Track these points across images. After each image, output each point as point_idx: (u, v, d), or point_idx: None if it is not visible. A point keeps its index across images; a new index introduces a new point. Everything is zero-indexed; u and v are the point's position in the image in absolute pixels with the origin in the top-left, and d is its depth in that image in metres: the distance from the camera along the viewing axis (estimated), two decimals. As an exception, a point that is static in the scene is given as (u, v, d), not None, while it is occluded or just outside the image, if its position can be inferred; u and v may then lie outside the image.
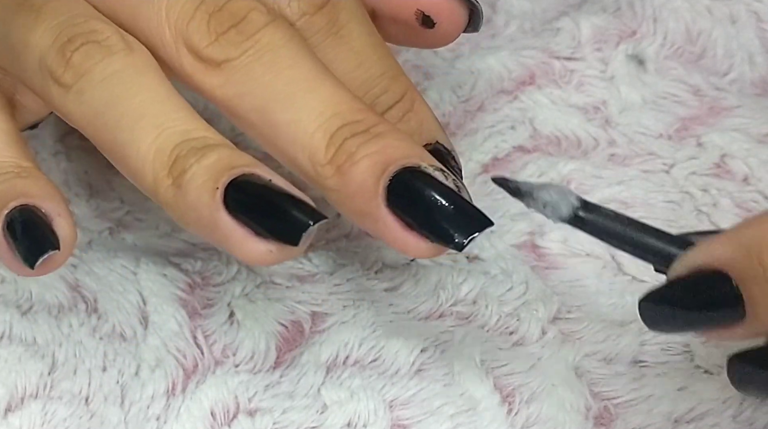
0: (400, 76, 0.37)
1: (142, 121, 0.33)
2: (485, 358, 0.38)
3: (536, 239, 0.42)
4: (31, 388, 0.37)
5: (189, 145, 0.33)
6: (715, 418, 0.36)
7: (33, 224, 0.34)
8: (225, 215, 0.32)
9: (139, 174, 0.33)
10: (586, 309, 0.40)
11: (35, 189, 0.35)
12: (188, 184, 0.32)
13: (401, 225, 0.32)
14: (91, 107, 0.34)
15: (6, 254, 0.34)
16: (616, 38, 0.47)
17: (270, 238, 0.32)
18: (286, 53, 0.34)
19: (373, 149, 0.32)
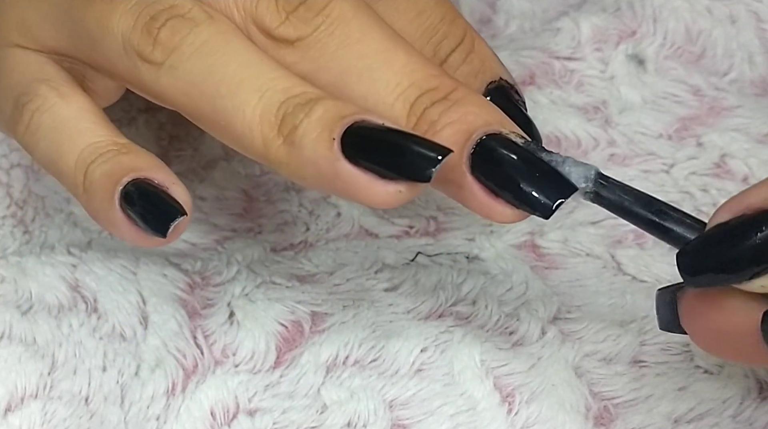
0: (458, 19, 0.37)
1: (242, 86, 0.33)
2: (485, 358, 0.38)
3: (536, 239, 0.42)
4: (31, 388, 0.37)
5: (293, 101, 0.32)
6: (715, 418, 0.36)
7: (153, 195, 0.34)
8: (346, 164, 0.31)
9: (246, 139, 0.33)
10: (586, 309, 0.40)
11: (142, 162, 0.35)
12: (302, 139, 0.32)
13: (486, 192, 0.32)
14: (187, 80, 0.34)
15: (128, 229, 0.35)
16: (616, 38, 0.47)
17: (397, 178, 0.31)
18: (356, 25, 0.34)
19: (455, 117, 0.32)
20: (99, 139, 0.36)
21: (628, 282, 0.40)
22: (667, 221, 0.32)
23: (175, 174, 0.35)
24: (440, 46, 0.37)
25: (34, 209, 0.44)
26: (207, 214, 0.44)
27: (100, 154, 0.35)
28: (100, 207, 0.35)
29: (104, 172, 0.35)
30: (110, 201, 0.34)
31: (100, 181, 0.35)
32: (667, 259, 0.41)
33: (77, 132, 0.36)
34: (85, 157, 0.35)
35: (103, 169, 0.35)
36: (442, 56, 0.36)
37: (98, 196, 0.35)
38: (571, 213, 0.42)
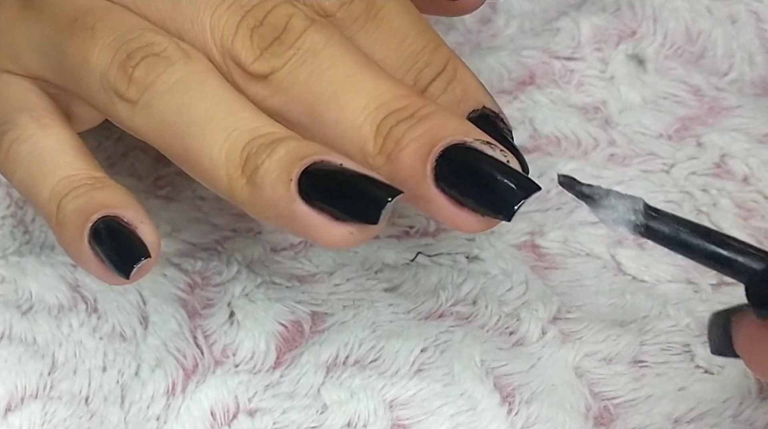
0: (440, 47, 0.37)
1: (211, 125, 0.33)
2: (485, 358, 0.38)
3: (536, 239, 0.42)
4: (31, 388, 0.37)
5: (258, 142, 0.33)
6: (715, 418, 0.36)
7: (120, 234, 0.35)
8: (302, 205, 0.32)
9: (214, 177, 0.33)
10: (586, 309, 0.40)
11: (114, 199, 0.35)
12: (262, 181, 0.32)
13: (452, 203, 0.32)
14: (159, 119, 0.34)
15: (96, 266, 0.35)
16: (616, 38, 0.47)
17: (349, 220, 0.32)
18: (326, 54, 0.34)
19: (419, 132, 0.33)
20: (74, 173, 0.36)
21: (628, 282, 0.40)
22: (729, 251, 0.30)
23: (145, 211, 0.35)
24: (421, 74, 0.36)
25: (34, 209, 0.44)
26: (207, 214, 0.44)
27: (73, 188, 0.35)
28: (71, 241, 0.35)
29: (76, 206, 0.35)
30: (80, 237, 0.35)
31: (71, 216, 0.35)
32: (667, 259, 0.41)
33: (53, 164, 0.36)
34: (59, 190, 0.35)
35: (75, 203, 0.35)
36: (423, 84, 0.36)
37: (69, 230, 0.35)
38: (571, 213, 0.42)
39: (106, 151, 0.46)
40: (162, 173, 0.45)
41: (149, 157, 0.45)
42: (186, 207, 0.44)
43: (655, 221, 0.31)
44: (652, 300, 0.39)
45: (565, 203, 0.43)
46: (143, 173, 0.45)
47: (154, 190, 0.45)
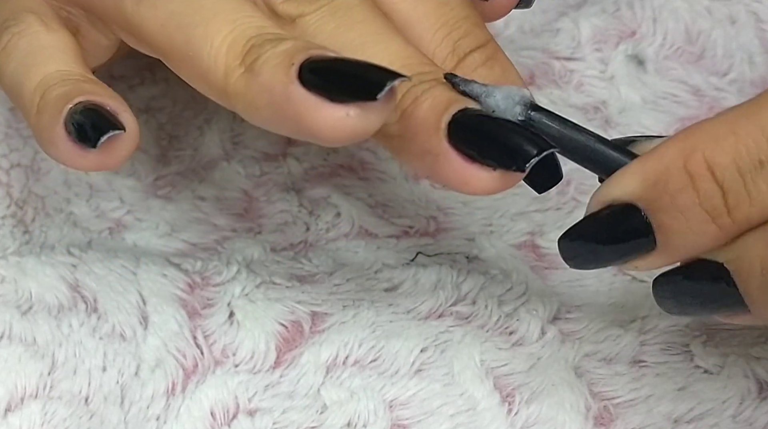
0: (482, 25, 0.37)
1: (218, 16, 0.33)
2: (485, 358, 0.38)
3: (536, 239, 0.42)
4: (31, 388, 0.37)
5: (264, 37, 0.32)
6: (714, 418, 0.36)
7: (98, 113, 0.34)
8: (298, 86, 0.31)
9: (210, 70, 0.33)
10: (586, 309, 0.40)
11: (101, 90, 0.35)
12: (262, 66, 0.32)
13: (462, 157, 0.32)
14: (166, 9, 0.34)
15: (64, 144, 0.34)
16: (616, 38, 0.47)
17: (347, 101, 0.30)
18: (359, 11, 0.34)
19: (437, 94, 0.32)
20: (68, 69, 0.36)
21: (628, 282, 0.40)
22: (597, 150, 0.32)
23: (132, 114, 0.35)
24: (460, 43, 0.36)
25: (34, 209, 0.44)
26: (207, 214, 0.44)
27: (63, 80, 0.35)
28: (47, 124, 0.34)
29: (60, 93, 0.35)
30: (57, 117, 0.34)
31: (53, 101, 0.35)
32: (667, 259, 0.41)
33: (50, 58, 0.36)
34: (49, 80, 0.35)
35: (60, 90, 0.35)
36: (460, 54, 0.36)
37: (47, 114, 0.34)
38: (570, 213, 0.42)
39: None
40: (162, 173, 0.45)
41: (149, 157, 0.45)
42: (186, 207, 0.44)
43: (538, 114, 0.32)
44: (652, 300, 0.39)
45: (565, 203, 0.43)
46: (143, 173, 0.45)
47: (154, 190, 0.45)
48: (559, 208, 0.43)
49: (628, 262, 0.32)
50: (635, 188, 0.31)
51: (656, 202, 0.31)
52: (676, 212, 0.31)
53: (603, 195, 0.32)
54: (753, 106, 0.31)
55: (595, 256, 0.33)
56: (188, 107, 0.47)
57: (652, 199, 0.31)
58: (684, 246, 0.31)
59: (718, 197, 0.30)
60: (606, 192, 0.32)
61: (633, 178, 0.31)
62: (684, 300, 0.33)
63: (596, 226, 0.32)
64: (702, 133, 0.31)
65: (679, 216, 0.31)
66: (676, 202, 0.31)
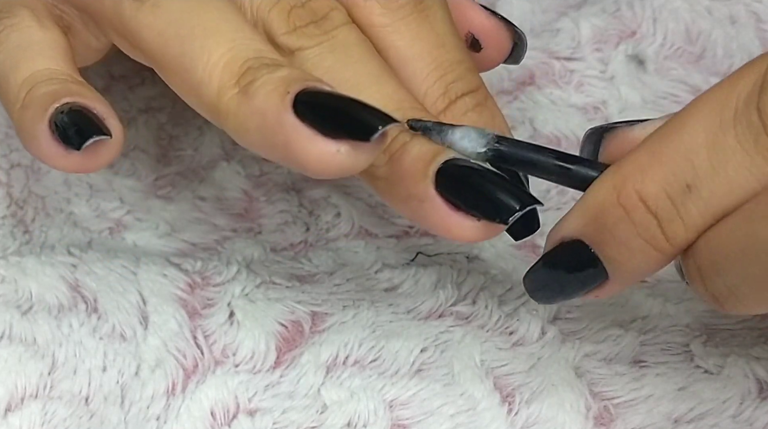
0: (475, 71, 0.37)
1: (217, 33, 0.33)
2: (485, 358, 0.38)
3: (536, 239, 0.42)
4: (31, 388, 0.37)
5: (262, 61, 0.32)
6: (714, 418, 0.36)
7: (83, 116, 0.34)
8: (292, 115, 0.31)
9: (203, 84, 0.33)
10: (586, 309, 0.40)
11: (89, 93, 0.35)
12: (257, 90, 0.31)
13: (448, 204, 0.32)
14: (166, 19, 0.34)
15: (47, 142, 0.34)
16: (616, 38, 0.47)
17: (340, 137, 0.30)
18: (357, 51, 0.35)
19: (427, 140, 0.33)
20: (58, 67, 0.35)
21: (628, 282, 0.40)
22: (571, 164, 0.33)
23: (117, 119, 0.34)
24: (452, 86, 0.36)
25: (34, 209, 0.44)
26: (207, 214, 0.44)
27: (51, 79, 0.35)
28: (31, 120, 0.34)
29: (48, 91, 0.34)
30: (42, 114, 0.34)
31: (40, 98, 0.34)
32: (667, 259, 0.40)
33: (40, 54, 0.36)
34: (36, 77, 0.35)
35: (48, 88, 0.35)
36: (452, 96, 0.36)
37: (32, 110, 0.34)
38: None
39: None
40: (162, 173, 0.45)
41: (149, 157, 0.45)
42: (186, 207, 0.44)
43: (504, 144, 0.33)
44: (652, 300, 0.39)
45: (565, 203, 0.43)
46: (143, 173, 0.45)
47: (154, 190, 0.45)
48: (559, 208, 0.43)
49: (588, 293, 0.33)
50: (578, 226, 0.32)
51: (598, 236, 0.32)
52: (618, 244, 0.31)
53: (554, 233, 0.33)
54: (671, 128, 0.31)
55: (554, 290, 0.33)
56: (188, 107, 0.46)
57: (594, 234, 0.32)
58: (633, 272, 0.32)
59: (654, 226, 0.31)
60: (556, 231, 0.33)
61: (576, 217, 0.32)
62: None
63: (552, 263, 0.33)
64: (629, 164, 0.31)
65: (621, 247, 0.31)
66: (616, 235, 0.31)
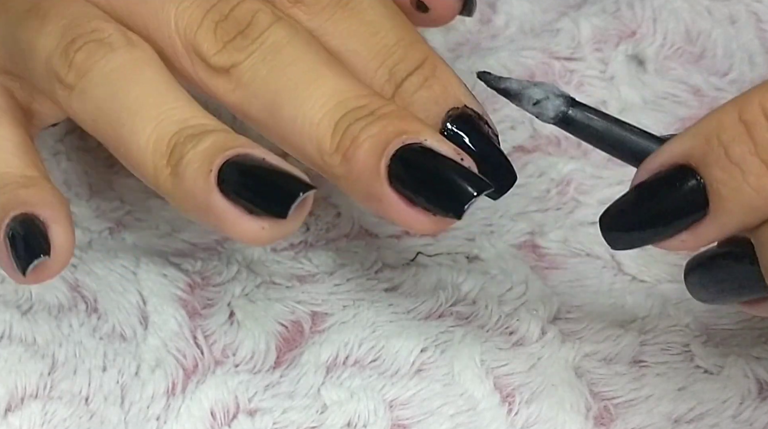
0: (418, 43, 0.36)
1: (140, 113, 0.33)
2: (485, 358, 0.38)
3: (536, 239, 0.42)
4: (31, 388, 0.37)
5: (186, 132, 0.33)
6: (714, 418, 0.36)
7: (29, 232, 0.34)
8: (218, 197, 0.32)
9: (141, 166, 0.33)
10: (586, 309, 0.40)
11: (35, 197, 0.35)
12: (184, 171, 0.32)
13: (404, 201, 0.32)
14: (93, 105, 0.34)
15: (6, 263, 0.35)
16: (616, 39, 0.47)
17: (261, 215, 0.32)
18: (289, 51, 0.34)
19: (375, 130, 0.32)
20: (7, 170, 0.36)
21: (628, 282, 0.40)
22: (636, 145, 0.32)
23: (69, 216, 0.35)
24: (396, 68, 0.35)
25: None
26: (207, 214, 0.44)
27: (2, 186, 0.35)
28: None
29: None
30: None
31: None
32: (667, 258, 0.41)
33: None
34: None
35: None
36: (398, 79, 0.35)
37: None
38: (571, 213, 0.42)
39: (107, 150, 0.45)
40: (162, 173, 0.45)
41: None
42: (186, 207, 0.44)
43: (575, 110, 0.32)
44: (652, 300, 0.39)
45: (565, 203, 0.43)
46: (143, 173, 0.45)
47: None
48: (559, 208, 0.43)
49: (674, 237, 0.30)
50: (686, 147, 0.30)
51: (708, 156, 0.29)
52: (731, 165, 0.29)
53: (651, 162, 0.30)
54: None
55: (639, 230, 0.31)
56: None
57: (704, 154, 0.29)
58: (740, 208, 0.29)
59: None
60: (655, 158, 0.30)
61: (684, 139, 0.30)
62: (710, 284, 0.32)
63: (642, 196, 0.30)
64: (758, 87, 0.29)
65: (734, 169, 0.29)
66: (731, 154, 0.29)
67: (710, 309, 0.39)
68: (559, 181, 0.43)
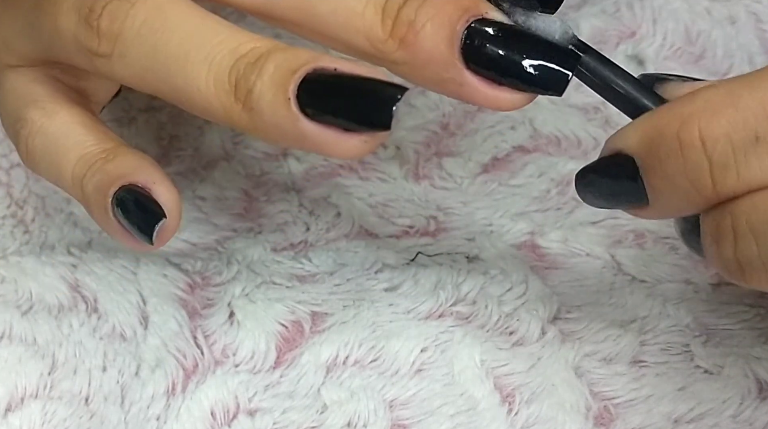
0: None
1: (189, 59, 0.32)
2: (485, 358, 0.38)
3: (536, 239, 0.42)
4: (31, 388, 0.37)
5: (243, 62, 0.32)
6: (714, 418, 0.36)
7: (137, 201, 0.34)
8: (308, 123, 0.31)
9: (209, 111, 0.32)
10: (586, 309, 0.40)
11: (123, 167, 0.35)
12: (259, 104, 0.31)
13: (488, 83, 0.31)
14: (138, 66, 0.33)
15: (125, 237, 0.35)
16: (616, 39, 0.47)
17: (360, 130, 0.30)
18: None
19: (432, 11, 0.31)
20: (86, 151, 0.36)
21: (628, 282, 0.40)
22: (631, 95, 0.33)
23: (160, 171, 0.35)
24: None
25: (34, 209, 0.44)
26: (207, 214, 0.44)
27: (89, 167, 0.35)
28: (101, 219, 0.35)
29: (94, 185, 0.35)
30: (106, 213, 0.35)
31: (93, 196, 0.35)
32: (667, 259, 0.41)
33: (66, 149, 0.36)
34: (78, 173, 0.35)
35: (93, 182, 0.35)
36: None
37: (95, 210, 0.35)
38: (571, 213, 0.42)
39: (106, 151, 0.46)
40: (162, 173, 0.45)
41: (150, 156, 0.45)
42: (186, 207, 0.44)
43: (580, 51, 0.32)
44: (652, 300, 0.39)
45: (565, 203, 0.43)
46: (143, 173, 0.45)
47: (154, 190, 0.45)
48: (559, 208, 0.43)
49: (629, 209, 0.33)
50: (632, 143, 0.31)
51: (647, 161, 0.31)
52: (663, 177, 0.31)
53: (611, 142, 0.32)
54: (757, 78, 0.30)
55: (599, 196, 0.33)
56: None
57: (644, 158, 0.31)
58: (670, 207, 0.31)
59: (705, 169, 0.30)
60: (614, 139, 0.32)
61: (634, 133, 0.31)
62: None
63: (602, 170, 0.32)
64: (702, 101, 0.30)
65: (665, 180, 0.31)
66: (664, 167, 0.31)
67: (710, 309, 0.39)
68: (559, 181, 0.43)
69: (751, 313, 0.39)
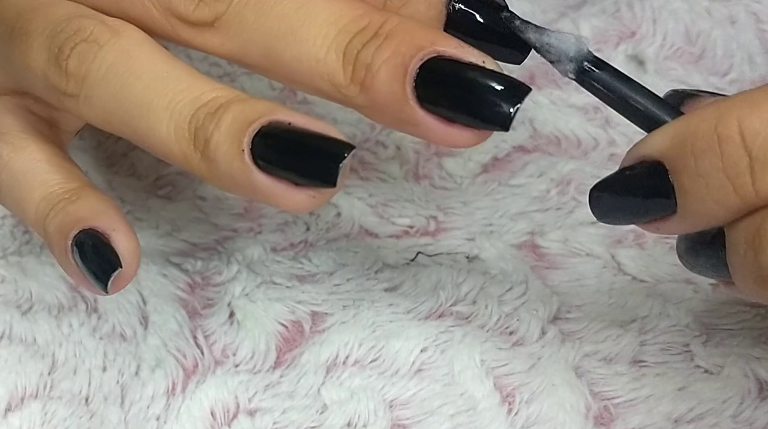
0: None
1: (150, 105, 0.33)
2: (485, 358, 0.38)
3: (536, 239, 0.42)
4: (31, 388, 0.37)
5: (202, 111, 0.32)
6: (714, 418, 0.36)
7: (95, 247, 0.34)
8: (260, 175, 0.31)
9: (170, 157, 0.33)
10: (586, 309, 0.40)
11: (85, 210, 0.35)
12: (215, 154, 0.32)
13: (441, 121, 0.31)
14: (103, 108, 0.34)
15: (83, 282, 0.35)
16: (616, 39, 0.47)
17: (308, 184, 0.31)
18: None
19: (388, 53, 0.31)
20: (50, 190, 0.36)
21: (628, 282, 0.40)
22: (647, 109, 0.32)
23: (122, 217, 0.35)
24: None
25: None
26: (207, 214, 0.44)
27: (52, 207, 0.35)
28: (60, 260, 0.35)
29: (56, 226, 0.35)
30: (65, 255, 0.35)
31: (54, 237, 0.35)
32: (667, 259, 0.41)
33: (30, 187, 0.36)
34: (41, 212, 0.35)
35: (54, 223, 0.35)
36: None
37: (56, 250, 0.35)
38: (571, 213, 0.42)
39: (107, 150, 0.46)
40: (162, 173, 0.45)
41: (149, 156, 0.45)
42: (186, 207, 0.44)
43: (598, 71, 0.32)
44: (652, 300, 0.39)
45: (565, 203, 0.43)
46: (143, 173, 0.45)
47: (154, 189, 0.45)
48: (559, 208, 0.43)
49: (650, 224, 0.31)
50: (662, 146, 0.30)
51: (680, 162, 0.30)
52: (698, 176, 0.29)
53: (636, 150, 0.31)
54: None
55: (619, 210, 0.32)
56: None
57: (676, 159, 0.30)
58: (703, 214, 0.30)
59: (744, 164, 0.29)
60: (638, 148, 0.31)
61: (663, 136, 0.30)
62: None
63: (623, 181, 0.31)
64: (741, 98, 0.29)
65: (699, 180, 0.29)
66: (699, 165, 0.29)
67: (710, 309, 0.39)
68: (559, 181, 0.43)
69: (751, 313, 0.39)
